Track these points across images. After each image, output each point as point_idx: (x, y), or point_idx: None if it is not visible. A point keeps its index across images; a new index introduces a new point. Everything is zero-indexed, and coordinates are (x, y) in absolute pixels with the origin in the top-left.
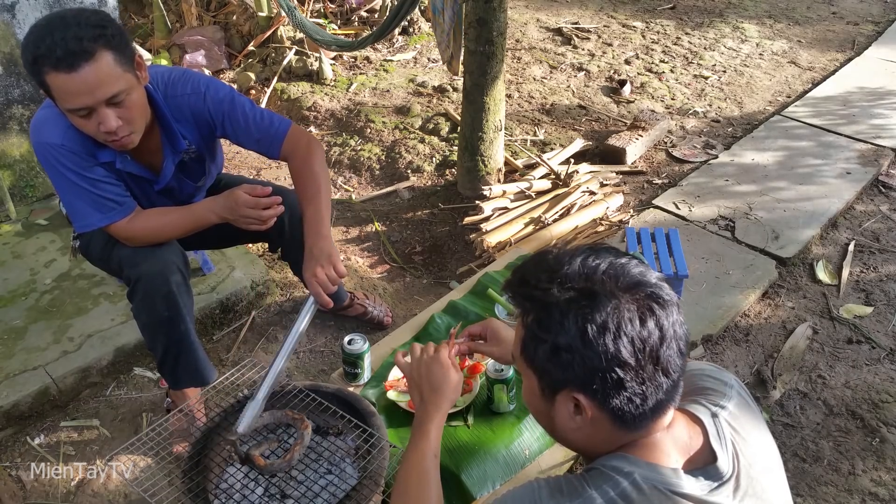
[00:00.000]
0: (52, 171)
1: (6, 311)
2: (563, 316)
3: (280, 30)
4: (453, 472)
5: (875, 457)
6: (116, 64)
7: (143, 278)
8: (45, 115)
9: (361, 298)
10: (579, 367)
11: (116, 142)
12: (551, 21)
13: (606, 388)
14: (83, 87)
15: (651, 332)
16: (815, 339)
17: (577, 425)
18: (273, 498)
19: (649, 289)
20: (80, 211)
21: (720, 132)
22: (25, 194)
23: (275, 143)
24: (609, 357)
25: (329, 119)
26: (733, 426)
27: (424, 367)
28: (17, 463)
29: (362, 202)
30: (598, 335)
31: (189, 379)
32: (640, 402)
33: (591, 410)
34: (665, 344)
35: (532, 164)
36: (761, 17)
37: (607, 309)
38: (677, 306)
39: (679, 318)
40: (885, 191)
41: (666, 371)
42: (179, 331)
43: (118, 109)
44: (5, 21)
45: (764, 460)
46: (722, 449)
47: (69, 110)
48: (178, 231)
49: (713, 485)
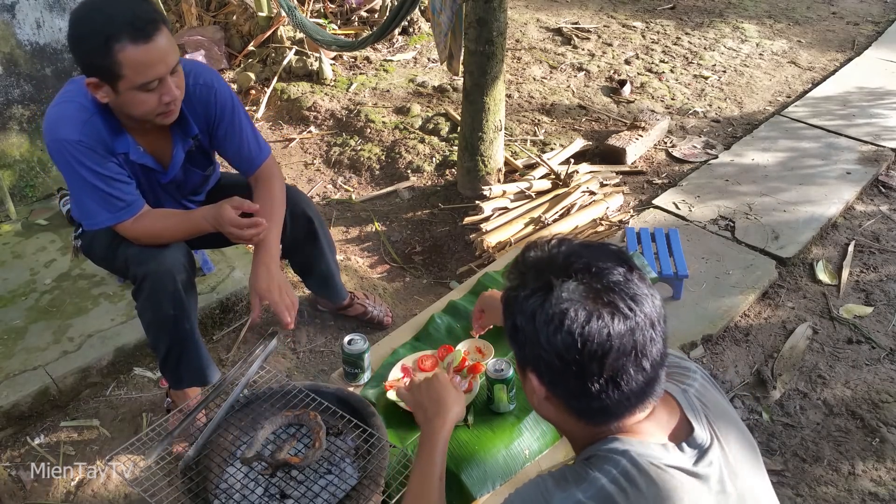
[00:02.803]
0: (66, 168)
1: (6, 311)
2: (525, 300)
3: (280, 30)
4: (453, 472)
5: (875, 457)
6: (170, 34)
7: (150, 276)
8: (60, 112)
9: (361, 298)
10: (529, 349)
11: (169, 113)
12: (551, 21)
13: (552, 377)
14: (158, 56)
15: (593, 337)
16: (815, 339)
17: (538, 403)
18: (273, 498)
19: (617, 300)
20: (89, 209)
21: (720, 132)
22: (25, 194)
23: (255, 163)
24: (549, 346)
25: (329, 119)
26: (702, 401)
27: (425, 386)
28: (17, 463)
29: (362, 202)
30: (543, 324)
31: (191, 378)
32: (587, 400)
33: (541, 392)
34: (612, 353)
35: (532, 164)
36: (761, 17)
37: (557, 303)
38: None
39: (651, 336)
40: (885, 191)
41: (614, 379)
42: (184, 329)
43: (174, 78)
44: (5, 21)
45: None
46: (697, 420)
47: (141, 84)
48: (177, 234)
49: (696, 453)
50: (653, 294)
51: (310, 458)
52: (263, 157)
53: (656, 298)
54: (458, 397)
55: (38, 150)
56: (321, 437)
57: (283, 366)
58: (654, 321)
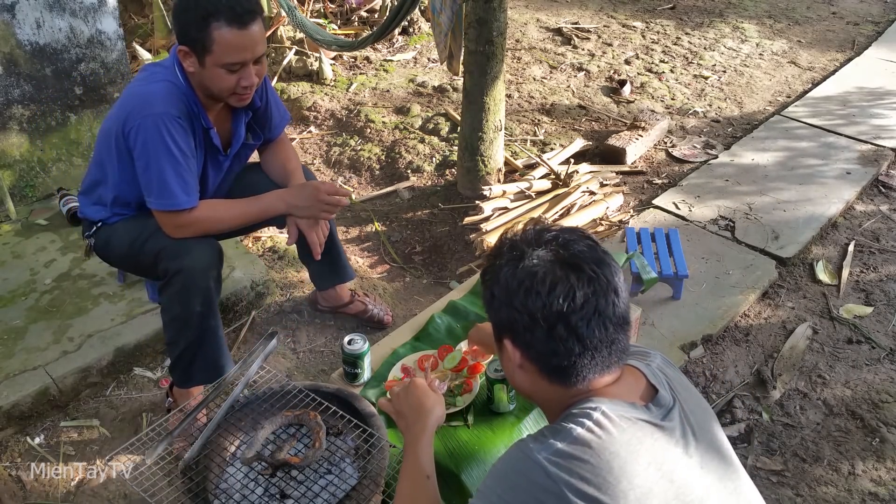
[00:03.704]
0: (160, 145)
1: (6, 311)
2: (500, 270)
3: (280, 30)
4: (453, 472)
5: (875, 457)
6: (264, 28)
7: (185, 271)
8: (150, 90)
9: (361, 296)
10: (504, 313)
11: (245, 97)
12: (551, 21)
13: (526, 339)
14: (248, 43)
15: (559, 296)
16: (815, 339)
17: (513, 370)
18: (273, 498)
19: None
20: (169, 189)
21: (720, 132)
22: (25, 194)
23: (282, 125)
24: (521, 307)
25: (329, 119)
26: (664, 373)
27: (403, 394)
28: (17, 463)
29: (362, 202)
30: (516, 289)
31: (202, 376)
32: (557, 358)
33: (517, 357)
34: (577, 313)
35: (532, 164)
36: (761, 17)
37: (528, 268)
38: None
39: (613, 300)
40: (885, 191)
41: (580, 338)
42: (209, 326)
43: (256, 67)
44: (5, 21)
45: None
46: (661, 386)
47: (225, 64)
48: (239, 222)
49: (662, 411)
50: (614, 265)
51: (310, 459)
52: (288, 118)
53: (616, 268)
54: (437, 400)
55: (37, 150)
56: (321, 437)
57: (283, 366)
58: (617, 288)
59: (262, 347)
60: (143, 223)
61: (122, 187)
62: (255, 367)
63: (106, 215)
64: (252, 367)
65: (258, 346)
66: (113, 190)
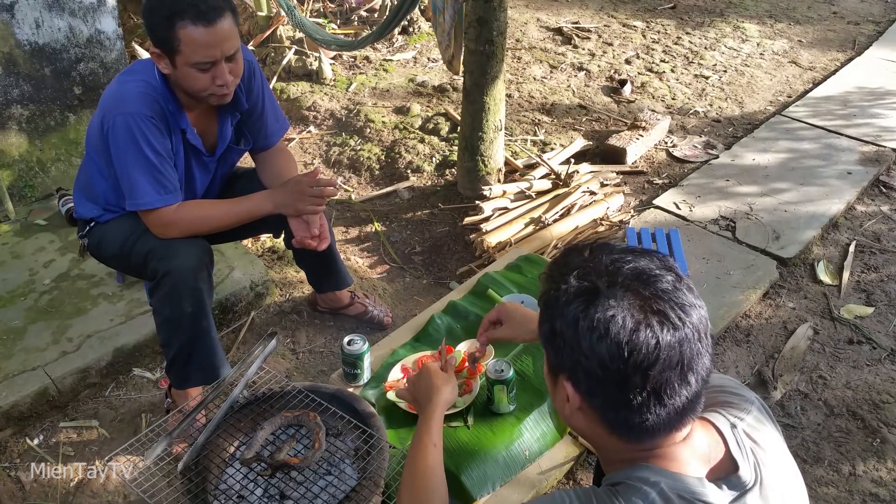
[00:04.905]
0: (127, 144)
1: (5, 312)
2: (567, 304)
3: (279, 29)
4: (453, 473)
5: (876, 457)
6: (234, 24)
7: (174, 272)
8: (125, 89)
9: (361, 297)
10: (567, 355)
11: (222, 95)
12: (551, 21)
13: (590, 385)
14: (215, 41)
15: (640, 347)
16: (816, 340)
17: (570, 412)
18: (272, 499)
19: (666, 308)
20: (141, 188)
21: (721, 132)
22: (25, 194)
23: (280, 133)
24: (592, 354)
25: (329, 119)
26: (752, 437)
27: (415, 380)
28: (17, 463)
29: (362, 202)
30: (587, 330)
31: (199, 377)
32: (626, 412)
33: (576, 401)
34: (658, 365)
35: (532, 164)
36: (762, 16)
37: (604, 309)
38: (702, 337)
39: (698, 349)
40: (886, 191)
41: (657, 392)
42: (201, 327)
43: (230, 65)
44: (4, 21)
45: (784, 473)
46: (743, 458)
47: (195, 63)
48: (225, 221)
49: (736, 494)
50: (700, 304)
51: (309, 459)
52: (286, 127)
53: (703, 309)
54: (448, 379)
55: (37, 150)
56: (321, 437)
57: (283, 366)
58: (702, 333)
59: (262, 348)
60: (133, 222)
61: (109, 184)
62: (254, 367)
63: (98, 213)
64: (251, 368)
65: (257, 347)
66: (101, 187)
